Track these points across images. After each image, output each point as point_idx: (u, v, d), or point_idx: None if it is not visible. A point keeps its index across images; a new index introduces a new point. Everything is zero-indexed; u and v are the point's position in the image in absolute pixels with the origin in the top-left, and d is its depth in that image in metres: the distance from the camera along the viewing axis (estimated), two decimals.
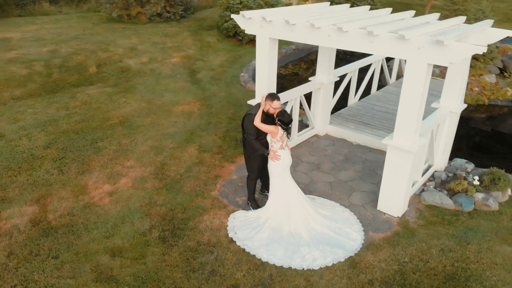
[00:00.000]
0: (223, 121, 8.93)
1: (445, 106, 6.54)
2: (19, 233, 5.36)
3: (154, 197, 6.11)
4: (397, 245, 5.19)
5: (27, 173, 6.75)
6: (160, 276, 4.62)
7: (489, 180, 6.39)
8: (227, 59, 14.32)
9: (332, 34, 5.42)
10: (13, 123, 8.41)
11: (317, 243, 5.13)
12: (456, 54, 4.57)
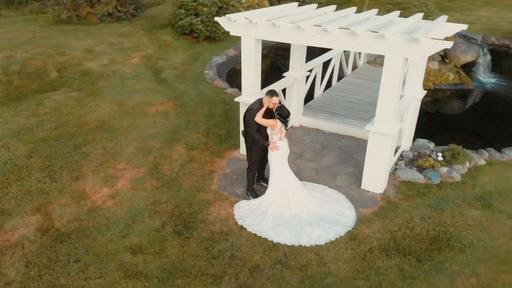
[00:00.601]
0: (201, 119, 9.26)
1: (409, 93, 7.40)
2: (30, 243, 5.43)
3: (157, 195, 6.38)
4: (385, 217, 5.95)
5: (17, 184, 6.70)
6: (185, 266, 4.99)
7: (450, 155, 7.37)
8: (186, 56, 14.51)
9: (316, 35, 6.01)
10: None
11: (317, 222, 5.74)
12: (428, 49, 5.34)
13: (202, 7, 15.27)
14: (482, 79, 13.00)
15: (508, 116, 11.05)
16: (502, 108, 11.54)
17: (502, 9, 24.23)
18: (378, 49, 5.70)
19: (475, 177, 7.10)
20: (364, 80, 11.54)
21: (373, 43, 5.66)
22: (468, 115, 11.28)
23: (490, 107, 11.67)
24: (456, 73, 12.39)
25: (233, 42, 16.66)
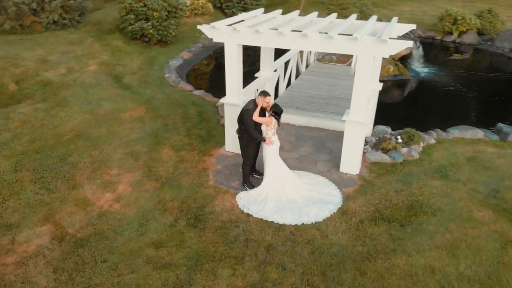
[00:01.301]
0: (178, 122, 9.69)
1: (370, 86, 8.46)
2: (50, 251, 5.66)
3: (161, 195, 6.83)
4: (366, 194, 6.93)
5: (13, 198, 6.77)
6: (208, 252, 5.56)
7: (407, 137, 8.58)
8: (142, 61, 14.67)
9: (296, 39, 6.80)
10: None
11: (311, 203, 6.56)
12: (394, 48, 6.36)
13: (152, 12, 15.46)
14: (417, 69, 14.70)
15: (442, 100, 12.73)
16: (437, 94, 13.22)
17: (422, 4, 26.90)
18: (352, 50, 6.63)
19: (429, 154, 8.35)
20: (318, 77, 12.59)
21: (347, 45, 6.57)
22: (410, 101, 12.80)
23: (427, 93, 13.32)
24: (395, 65, 13.91)
25: (185, 45, 17.06)
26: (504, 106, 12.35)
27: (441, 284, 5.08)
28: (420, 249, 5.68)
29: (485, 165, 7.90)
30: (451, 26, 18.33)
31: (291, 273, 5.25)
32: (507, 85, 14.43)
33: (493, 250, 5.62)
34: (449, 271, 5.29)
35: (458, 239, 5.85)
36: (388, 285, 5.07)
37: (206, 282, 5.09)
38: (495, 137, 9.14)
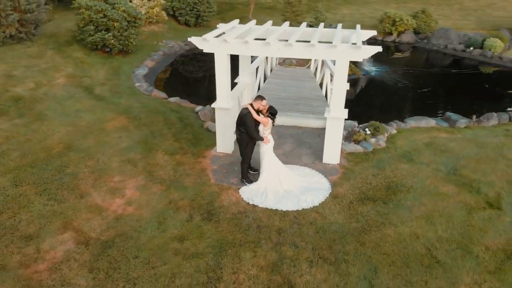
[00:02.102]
0: (163, 128, 10.20)
1: None
2: (79, 254, 6.08)
3: (169, 196, 7.40)
4: (349, 179, 7.98)
5: (24, 211, 7.02)
6: (228, 240, 6.28)
7: (373, 129, 9.78)
8: (107, 71, 14.85)
9: (281, 48, 7.69)
10: None
11: (306, 191, 7.47)
12: (366, 53, 7.45)
13: (112, 22, 15.64)
14: (366, 68, 16.21)
15: (393, 94, 14.26)
16: (387, 89, 14.77)
17: (360, 7, 29.01)
18: (331, 56, 7.64)
19: (394, 142, 9.61)
20: (283, 80, 13.60)
21: (326, 52, 7.58)
22: (366, 97, 14.20)
23: (380, 89, 14.82)
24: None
25: (145, 53, 17.38)
26: (447, 97, 14.13)
27: (426, 246, 6.20)
28: (403, 220, 6.79)
29: (441, 149, 9.28)
30: (391, 27, 20.22)
31: (303, 249, 6.12)
32: (446, 79, 16.38)
33: (461, 216, 6.87)
34: (429, 235, 6.44)
35: (432, 210, 7.05)
36: (385, 251, 6.10)
37: (233, 264, 5.81)
38: (445, 125, 10.65)
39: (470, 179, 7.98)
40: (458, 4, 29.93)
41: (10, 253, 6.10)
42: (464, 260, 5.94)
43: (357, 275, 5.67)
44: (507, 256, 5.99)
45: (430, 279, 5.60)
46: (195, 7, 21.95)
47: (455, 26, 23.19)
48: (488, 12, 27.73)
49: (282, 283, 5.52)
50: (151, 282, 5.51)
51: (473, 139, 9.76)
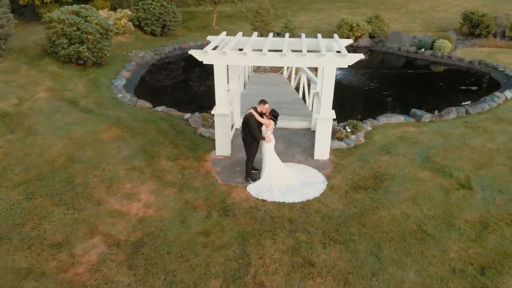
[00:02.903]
0: (158, 137, 10.72)
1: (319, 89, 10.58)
2: (114, 255, 6.58)
3: (183, 197, 8.03)
4: (340, 172, 8.98)
5: (46, 221, 7.38)
6: (248, 231, 7.02)
7: (351, 127, 10.89)
8: (86, 84, 15.05)
9: (276, 58, 8.56)
10: None
11: (305, 185, 8.37)
12: (350, 60, 8.48)
13: (87, 35, 15.83)
14: None
15: (358, 95, 15.56)
16: (354, 90, 16.06)
17: (315, 13, 30.57)
18: (319, 64, 8.61)
19: (371, 138, 10.76)
20: (260, 85, 14.49)
21: (316, 60, 8.53)
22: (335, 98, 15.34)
23: (347, 90, 16.05)
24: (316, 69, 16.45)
25: (118, 64, 17.68)
26: (407, 95, 15.64)
27: (416, 223, 7.29)
28: (393, 203, 7.87)
29: (412, 141, 10.54)
30: (349, 32, 21.72)
31: (315, 234, 7.00)
32: (403, 78, 17.99)
33: (440, 197, 8.05)
34: (417, 214, 7.55)
35: (415, 193, 8.19)
36: (384, 230, 7.12)
37: (258, 251, 6.58)
38: (412, 120, 11.98)
39: (442, 165, 9.24)
40: (404, 8, 32.33)
41: (44, 260, 6.48)
42: (449, 232, 7.08)
43: (364, 251, 6.63)
44: (483, 226, 7.19)
45: (424, 249, 6.66)
46: (161, 17, 22.36)
47: (404, 29, 25.22)
48: (432, 14, 30.25)
49: (304, 263, 6.36)
50: (189, 272, 6.16)
51: (438, 131, 11.12)
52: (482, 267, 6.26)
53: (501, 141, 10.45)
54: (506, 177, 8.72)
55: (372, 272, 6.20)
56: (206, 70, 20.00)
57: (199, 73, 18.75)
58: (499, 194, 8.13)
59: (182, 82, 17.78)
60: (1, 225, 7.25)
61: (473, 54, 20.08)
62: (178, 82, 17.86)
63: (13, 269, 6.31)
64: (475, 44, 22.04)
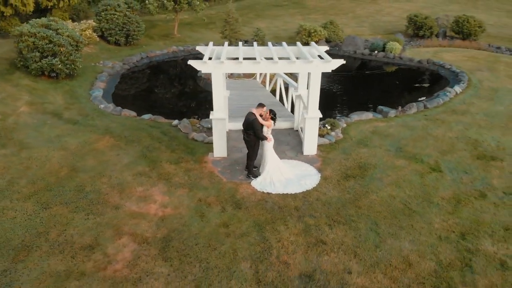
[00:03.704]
0: (153, 143, 11.28)
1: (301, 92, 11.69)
2: (146, 251, 7.21)
3: (196, 196, 8.75)
4: (329, 164, 10.09)
5: (70, 227, 7.83)
6: (262, 220, 7.89)
7: (330, 124, 12.10)
8: (63, 96, 15.17)
9: (268, 65, 9.53)
10: None
11: (302, 177, 9.39)
12: (334, 65, 9.63)
13: (59, 48, 15.93)
14: None
15: (324, 97, 16.87)
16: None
17: (272, 20, 31.87)
18: (308, 69, 9.68)
19: (348, 133, 12.01)
20: (238, 90, 15.36)
21: (303, 66, 9.59)
22: None
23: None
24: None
25: (91, 75, 17.85)
26: (369, 94, 17.18)
27: (402, 203, 8.54)
28: (380, 188, 9.08)
29: (384, 134, 11.91)
30: (307, 37, 23.16)
31: (320, 218, 8.03)
32: (362, 79, 19.62)
33: (417, 180, 9.39)
34: (402, 196, 8.80)
35: (396, 178, 9.47)
36: (377, 210, 8.28)
37: (275, 236, 7.49)
38: (380, 116, 13.41)
39: (413, 153, 10.64)
40: (351, 13, 34.52)
41: (80, 262, 6.98)
42: (430, 207, 8.38)
43: (365, 228, 7.74)
44: (457, 201, 8.57)
45: (413, 223, 7.90)
46: (125, 27, 22.57)
47: (355, 33, 27.16)
48: (378, 18, 32.62)
49: (316, 242, 7.36)
50: (220, 259, 6.94)
51: (404, 125, 12.61)
52: (462, 234, 7.59)
53: (458, 130, 12.09)
54: (467, 160, 10.27)
55: (375, 245, 7.32)
56: (176, 77, 20.58)
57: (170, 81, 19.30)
58: (464, 174, 9.61)
59: (157, 89, 18.25)
60: (25, 235, 7.60)
61: (420, 54, 22.22)
62: (153, 90, 18.29)
63: (51, 273, 6.75)
64: (420, 44, 24.29)
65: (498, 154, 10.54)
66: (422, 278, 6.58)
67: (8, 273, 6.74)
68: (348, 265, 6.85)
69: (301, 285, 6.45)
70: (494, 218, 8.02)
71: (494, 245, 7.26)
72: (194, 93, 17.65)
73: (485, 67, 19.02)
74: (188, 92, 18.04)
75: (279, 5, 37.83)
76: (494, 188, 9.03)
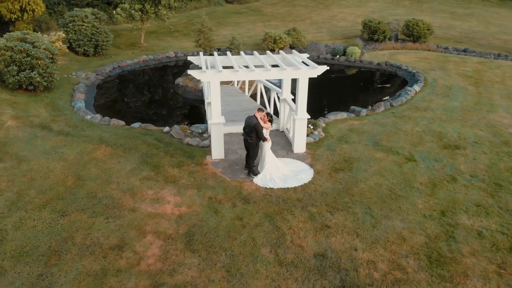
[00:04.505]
0: (151, 150, 11.88)
1: (286, 96, 12.76)
2: (173, 246, 7.91)
3: (206, 195, 9.51)
4: (318, 160, 11.21)
5: (94, 230, 8.36)
6: (270, 211, 8.82)
7: (312, 124, 13.26)
8: (46, 109, 15.29)
9: (261, 73, 10.50)
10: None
11: (297, 173, 10.42)
12: (319, 71, 10.77)
13: (37, 61, 16.02)
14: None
15: None
16: None
17: (234, 27, 32.84)
18: (296, 75, 10.73)
19: (328, 132, 13.22)
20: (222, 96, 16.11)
21: (293, 72, 10.65)
22: None
23: None
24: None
25: (68, 87, 17.97)
26: (337, 96, 18.57)
27: (388, 189, 9.78)
28: (366, 178, 10.29)
29: (360, 131, 13.23)
30: (273, 44, 24.36)
31: (320, 207, 9.08)
32: (328, 82, 21.01)
33: (397, 169, 10.70)
34: (386, 183, 10.06)
35: (378, 169, 10.74)
36: (367, 196, 9.46)
37: (285, 223, 8.44)
38: (353, 115, 14.76)
39: (389, 147, 12.00)
40: (308, 19, 36.27)
41: (113, 260, 7.57)
42: (412, 192, 9.69)
43: (361, 212, 8.88)
44: (433, 185, 9.95)
45: (400, 205, 9.15)
46: (93, 37, 22.67)
47: (315, 38, 28.77)
48: (334, 23, 34.55)
49: (322, 227, 8.39)
50: (242, 247, 7.79)
51: (376, 122, 14.01)
52: (442, 211, 8.92)
53: (423, 124, 13.66)
54: (436, 150, 11.76)
55: (372, 225, 8.47)
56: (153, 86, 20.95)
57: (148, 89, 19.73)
58: (435, 162, 11.07)
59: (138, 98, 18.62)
60: (50, 241, 8.04)
61: (378, 57, 24.08)
62: (134, 99, 18.63)
63: (88, 272, 7.29)
64: (376, 48, 26.23)
65: (461, 144, 12.14)
66: (416, 250, 7.78)
67: (44, 276, 7.19)
68: (353, 243, 7.94)
69: (317, 263, 7.44)
70: (466, 197, 9.45)
71: (470, 219, 8.64)
72: (175, 101, 18.22)
73: (437, 67, 21.09)
74: (169, 100, 18.56)
75: (238, 12, 38.95)
76: (462, 172, 10.52)
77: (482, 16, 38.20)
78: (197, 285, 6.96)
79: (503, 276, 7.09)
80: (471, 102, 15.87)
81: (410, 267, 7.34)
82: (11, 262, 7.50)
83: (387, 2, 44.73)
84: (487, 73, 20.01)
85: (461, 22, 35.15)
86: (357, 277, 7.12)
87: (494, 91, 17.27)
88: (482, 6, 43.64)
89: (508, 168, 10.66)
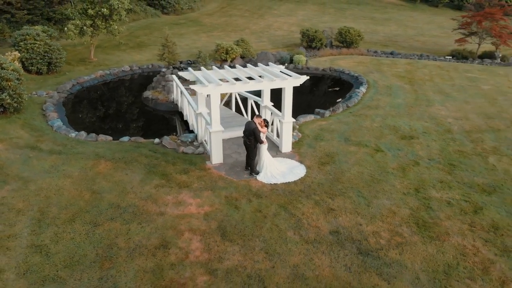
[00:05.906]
0: (151, 161, 12.79)
1: (266, 103, 14.38)
2: (210, 238, 9.13)
3: (221, 194, 10.78)
4: (305, 157, 12.97)
5: (132, 235, 9.25)
6: (282, 202, 10.36)
7: None
8: (24, 130, 15.31)
9: (254, 84, 12.03)
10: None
11: (292, 169, 12.08)
12: (301, 80, 12.56)
13: (7, 82, 15.95)
14: None
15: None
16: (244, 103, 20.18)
17: (179, 38, 33.60)
18: (283, 85, 12.41)
19: (303, 132, 15.06)
20: None
21: (280, 82, 12.32)
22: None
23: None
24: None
25: (35, 107, 17.93)
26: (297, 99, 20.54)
27: (369, 175, 11.81)
28: (348, 168, 12.25)
29: (329, 130, 15.26)
30: (225, 55, 25.84)
31: (321, 195, 10.82)
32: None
33: (370, 159, 12.80)
34: (366, 171, 12.09)
35: (356, 159, 12.78)
36: (355, 183, 11.39)
37: (298, 211, 10.03)
38: (318, 116, 16.79)
39: (358, 141, 14.14)
40: (247, 29, 38.22)
41: (163, 257, 8.59)
42: (388, 176, 11.82)
43: (355, 196, 10.77)
44: (402, 169, 12.17)
45: (383, 187, 11.19)
46: (46, 55, 22.41)
47: (258, 47, 30.71)
48: (272, 32, 36.85)
49: (329, 209, 10.13)
50: (270, 232, 9.23)
51: (340, 121, 16.16)
52: (416, 189, 11.12)
53: (379, 120, 16.08)
54: (396, 141, 14.13)
55: (367, 205, 10.39)
56: (121, 100, 21.30)
57: (118, 104, 20.15)
58: (399, 151, 13.38)
59: (107, 113, 18.98)
60: (95, 249, 8.83)
61: (321, 63, 26.64)
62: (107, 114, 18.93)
63: (145, 269, 8.26)
64: (316, 55, 28.85)
65: (414, 134, 14.66)
66: (406, 219, 9.82)
67: (106, 279, 8.04)
68: (357, 220, 9.77)
69: (334, 237, 9.14)
70: (430, 176, 11.78)
71: (438, 193, 10.93)
72: (148, 113, 18.90)
73: (374, 70, 24.07)
74: (142, 113, 19.15)
75: (177, 23, 39.75)
76: (421, 157, 12.92)
77: (399, 20, 43.08)
78: (245, 266, 8.28)
79: (475, 231, 9.36)
80: (411, 99, 18.75)
81: (406, 233, 9.33)
82: (66, 272, 8.19)
83: (314, 11, 48.31)
84: (417, 72, 23.35)
85: (382, 27, 39.44)
86: (369, 245, 8.93)
87: (426, 88, 20.44)
88: (397, 10, 49.00)
89: (455, 151, 13.29)
